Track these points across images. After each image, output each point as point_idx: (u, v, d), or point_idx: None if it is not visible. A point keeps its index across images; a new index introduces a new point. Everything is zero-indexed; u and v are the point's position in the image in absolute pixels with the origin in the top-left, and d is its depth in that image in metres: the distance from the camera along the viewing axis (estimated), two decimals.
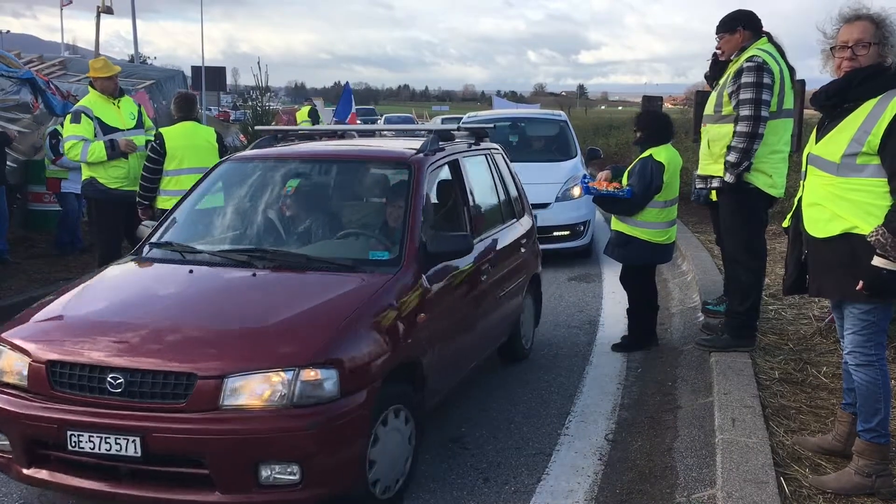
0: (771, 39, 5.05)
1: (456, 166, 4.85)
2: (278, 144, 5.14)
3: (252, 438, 3.05)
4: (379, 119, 40.19)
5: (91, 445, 3.12)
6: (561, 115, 11.63)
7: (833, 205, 3.26)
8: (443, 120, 22.71)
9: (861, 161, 3.17)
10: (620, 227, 5.63)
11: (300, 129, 5.87)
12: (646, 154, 5.57)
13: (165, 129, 6.49)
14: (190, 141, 6.37)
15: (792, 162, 5.58)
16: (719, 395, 4.36)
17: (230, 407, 3.08)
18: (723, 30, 5.12)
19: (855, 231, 3.18)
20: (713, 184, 5.12)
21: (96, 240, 7.30)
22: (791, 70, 5.01)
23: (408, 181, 4.30)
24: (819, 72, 3.47)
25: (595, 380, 5.30)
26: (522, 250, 5.50)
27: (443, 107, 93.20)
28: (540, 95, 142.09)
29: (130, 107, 6.82)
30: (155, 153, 6.28)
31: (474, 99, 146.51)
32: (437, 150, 4.67)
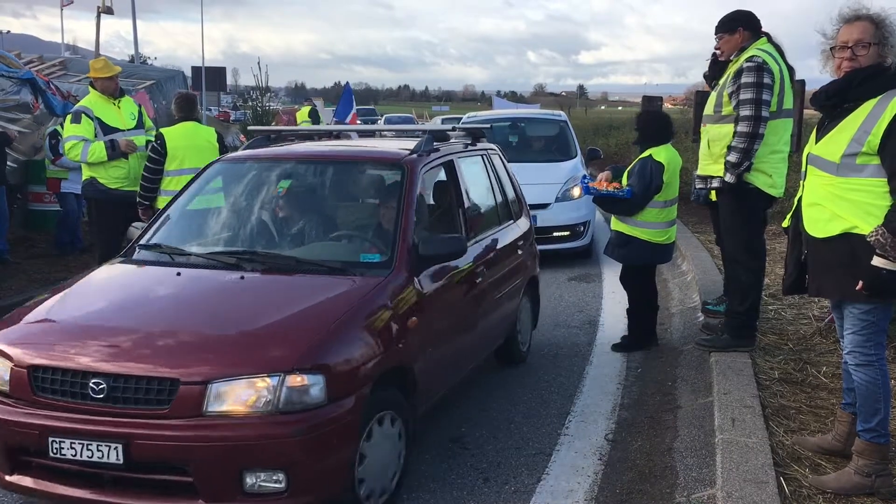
0: (770, 39, 5.05)
1: (451, 167, 4.79)
2: (272, 145, 5.07)
3: (236, 445, 2.99)
4: (379, 119, 40.20)
5: (73, 452, 3.07)
6: (561, 116, 11.57)
7: (833, 205, 3.26)
8: (443, 120, 22.71)
9: (861, 161, 3.18)
10: (620, 228, 5.64)
11: (294, 130, 5.83)
12: (646, 154, 5.57)
13: (166, 130, 6.49)
14: (191, 141, 6.37)
15: (792, 162, 5.58)
16: (719, 395, 4.37)
17: (214, 413, 3.02)
18: (722, 30, 5.12)
19: (855, 231, 3.18)
20: (713, 184, 5.12)
21: (96, 240, 7.29)
22: (790, 70, 5.01)
23: (401, 182, 4.22)
24: (819, 72, 3.48)
25: (595, 380, 5.30)
26: (519, 252, 5.42)
27: (443, 107, 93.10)
28: (540, 96, 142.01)
29: (131, 107, 6.82)
30: (156, 153, 6.28)
31: (474, 99, 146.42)
32: (432, 151, 4.60)
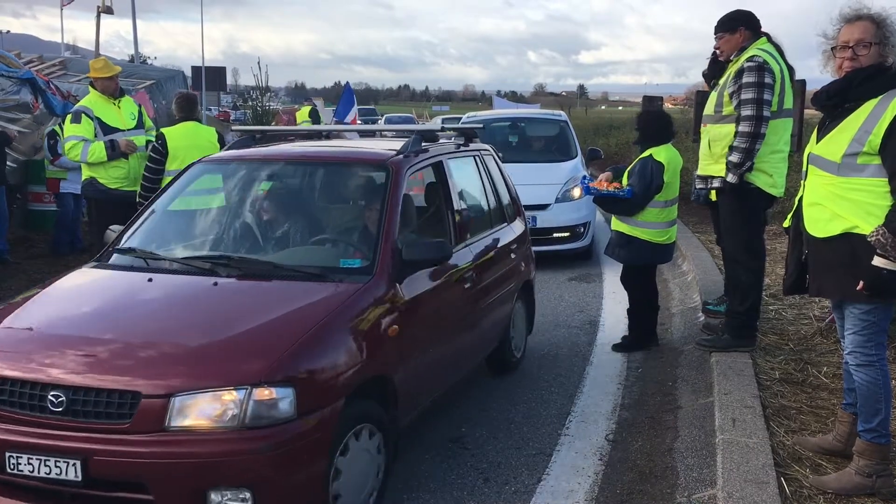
0: (770, 39, 5.05)
1: (440, 168, 4.63)
2: (256, 145, 4.92)
3: (200, 462, 2.85)
4: (380, 119, 40.22)
5: (30, 468, 2.94)
6: (561, 116, 11.53)
7: (833, 204, 3.26)
8: (443, 120, 22.71)
9: (862, 161, 3.18)
10: (621, 228, 5.63)
11: (280, 130, 5.70)
12: (646, 154, 5.57)
13: (167, 129, 6.50)
14: (192, 141, 6.37)
15: (792, 162, 5.58)
16: (720, 396, 4.36)
17: (177, 428, 2.88)
18: (723, 29, 5.11)
19: (855, 231, 3.18)
20: (714, 184, 5.12)
21: (96, 240, 7.28)
22: (790, 70, 5.01)
23: (385, 184, 4.06)
24: (819, 72, 3.48)
25: (595, 380, 5.29)
26: (513, 256, 5.27)
27: (443, 107, 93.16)
28: (540, 95, 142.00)
29: (131, 107, 6.82)
30: (157, 153, 6.28)
31: (474, 99, 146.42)
32: (419, 152, 4.43)
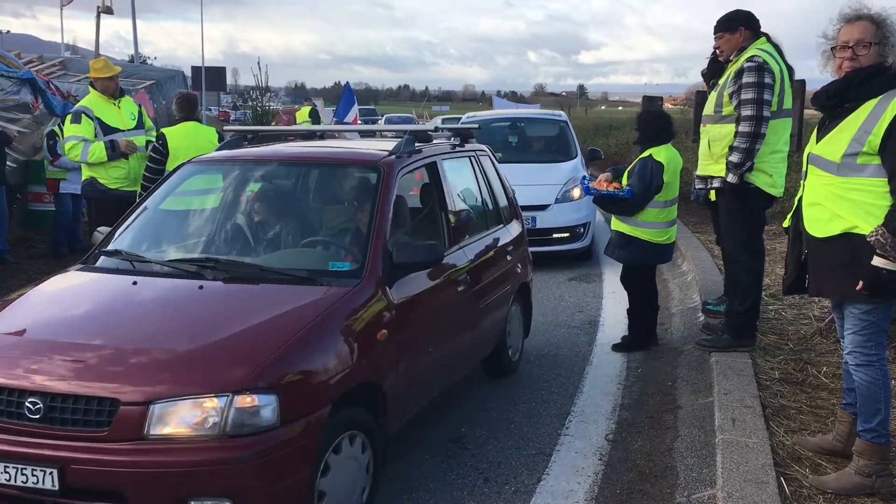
0: (769, 39, 5.05)
1: (434, 169, 4.57)
2: (247, 145, 4.86)
3: (180, 471, 2.78)
4: (380, 119, 40.25)
5: (7, 477, 2.86)
6: (561, 116, 11.50)
7: (833, 204, 3.26)
8: (443, 120, 22.75)
9: (861, 161, 3.18)
10: (621, 228, 5.63)
11: (272, 130, 5.65)
12: (646, 154, 5.57)
13: (168, 130, 6.50)
14: (192, 141, 6.37)
15: (792, 162, 5.59)
16: (719, 395, 4.37)
17: (156, 436, 2.81)
18: (722, 29, 5.11)
19: (855, 231, 3.18)
20: (714, 184, 5.12)
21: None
22: (790, 70, 5.01)
23: (376, 185, 3.98)
24: (819, 72, 3.48)
25: (595, 380, 5.29)
26: (509, 258, 5.20)
27: (443, 107, 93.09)
28: (540, 95, 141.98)
29: (131, 107, 6.83)
30: (157, 153, 6.28)
31: (474, 99, 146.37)
32: (413, 152, 4.36)
